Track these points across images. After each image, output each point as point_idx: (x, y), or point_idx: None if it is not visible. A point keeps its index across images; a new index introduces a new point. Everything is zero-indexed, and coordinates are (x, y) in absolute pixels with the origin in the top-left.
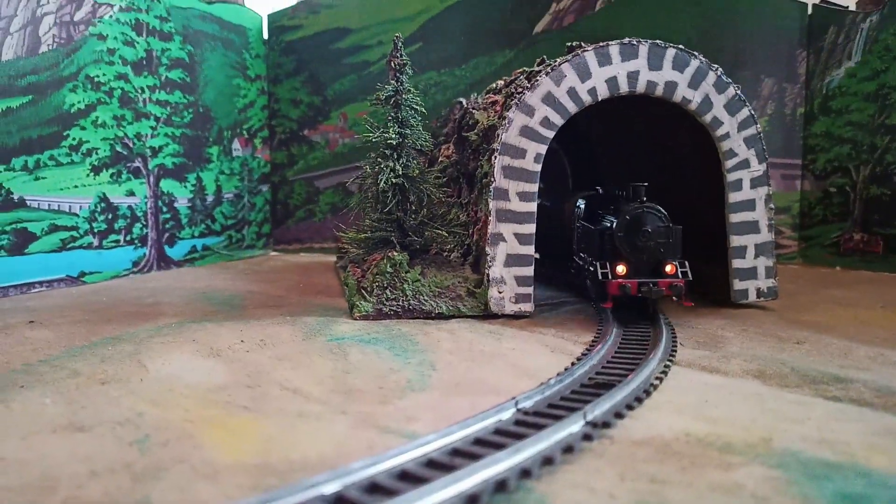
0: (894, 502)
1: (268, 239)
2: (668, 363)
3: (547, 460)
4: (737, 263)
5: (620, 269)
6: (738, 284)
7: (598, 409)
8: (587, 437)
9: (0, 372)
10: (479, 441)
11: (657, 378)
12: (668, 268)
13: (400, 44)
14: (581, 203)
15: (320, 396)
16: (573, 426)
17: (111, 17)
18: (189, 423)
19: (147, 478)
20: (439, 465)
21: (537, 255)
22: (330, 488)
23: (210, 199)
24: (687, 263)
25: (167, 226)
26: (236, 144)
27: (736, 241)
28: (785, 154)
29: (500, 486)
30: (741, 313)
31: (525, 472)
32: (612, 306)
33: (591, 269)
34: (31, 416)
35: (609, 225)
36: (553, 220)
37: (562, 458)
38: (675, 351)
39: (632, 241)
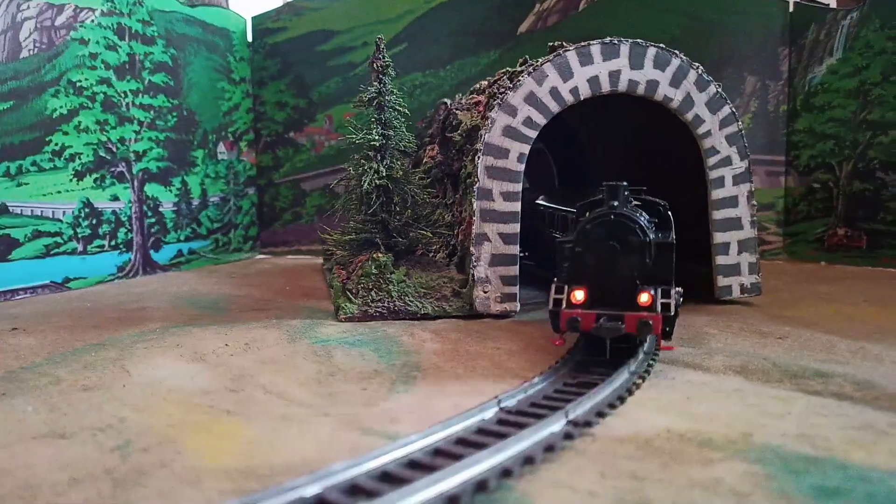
0: (871, 496)
1: (255, 242)
2: (651, 361)
3: (528, 459)
4: (720, 260)
5: (578, 295)
6: (721, 281)
7: (580, 408)
8: (568, 436)
9: None
10: (461, 441)
11: (639, 377)
12: (644, 297)
13: (382, 45)
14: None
15: (304, 399)
16: (555, 425)
17: (93, 21)
18: (171, 428)
19: (128, 484)
20: (421, 466)
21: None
22: (311, 490)
23: (195, 202)
24: (676, 293)
25: (152, 230)
26: (221, 148)
27: (719, 237)
28: (769, 151)
29: (481, 486)
30: (725, 310)
31: (506, 472)
32: (562, 343)
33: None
34: (12, 424)
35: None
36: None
37: (543, 456)
38: (659, 348)
39: (593, 258)
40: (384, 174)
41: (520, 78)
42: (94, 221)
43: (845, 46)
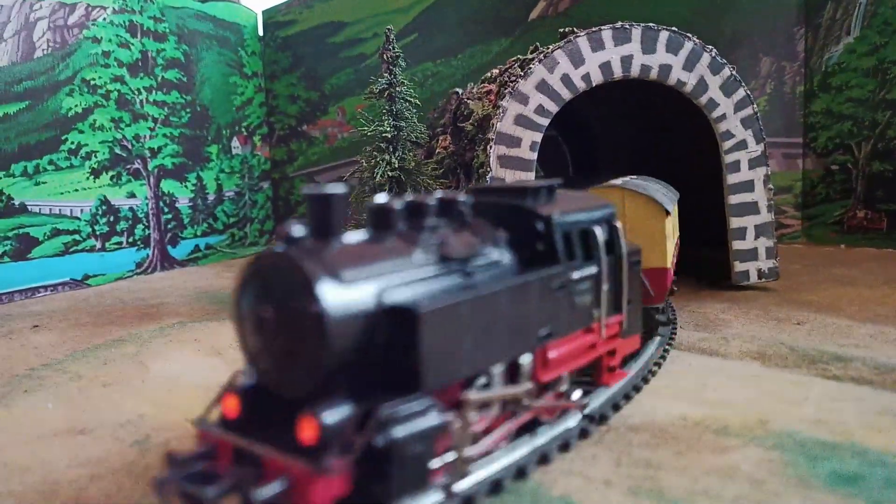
0: (889, 480)
1: (270, 236)
2: (667, 347)
3: (543, 457)
4: (737, 245)
5: (230, 405)
6: (738, 266)
7: (596, 401)
8: (584, 432)
9: (4, 377)
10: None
11: (656, 364)
12: (308, 427)
13: (392, 36)
14: None
15: None
16: (570, 420)
17: (105, 19)
18: (190, 423)
19: (147, 478)
20: None
21: None
22: None
23: (211, 198)
24: (437, 418)
25: (169, 226)
26: (235, 142)
27: (735, 222)
28: (786, 133)
29: (496, 486)
30: (742, 295)
31: (520, 471)
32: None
33: None
34: (33, 421)
35: None
36: None
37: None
38: (675, 334)
39: (246, 338)
40: (397, 166)
41: (531, 66)
42: (111, 219)
43: (862, 25)
